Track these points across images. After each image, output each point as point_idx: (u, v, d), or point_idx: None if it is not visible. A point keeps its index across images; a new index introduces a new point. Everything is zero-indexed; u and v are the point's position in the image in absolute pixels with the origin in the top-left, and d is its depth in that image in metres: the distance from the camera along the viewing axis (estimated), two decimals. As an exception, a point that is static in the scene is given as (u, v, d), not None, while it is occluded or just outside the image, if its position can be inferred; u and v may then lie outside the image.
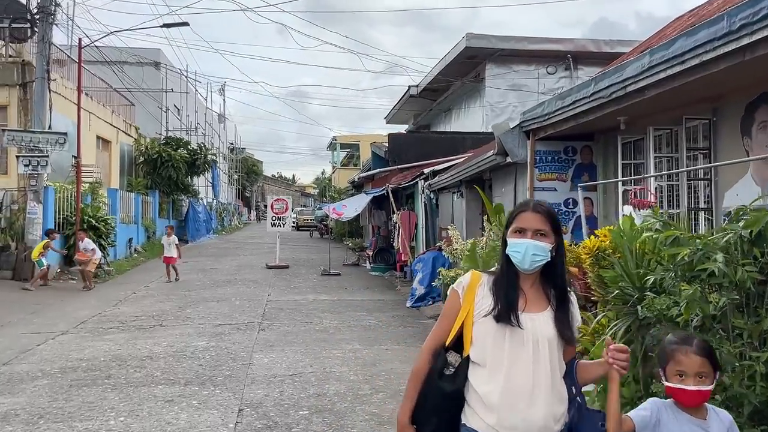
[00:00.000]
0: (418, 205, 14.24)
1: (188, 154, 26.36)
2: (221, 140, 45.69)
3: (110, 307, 11.28)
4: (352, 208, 17.10)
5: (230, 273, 16.54)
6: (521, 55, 21.69)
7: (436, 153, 17.57)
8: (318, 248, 26.09)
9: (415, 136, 18.97)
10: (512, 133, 8.37)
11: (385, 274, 16.23)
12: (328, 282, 14.93)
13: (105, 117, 21.45)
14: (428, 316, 10.25)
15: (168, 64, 30.76)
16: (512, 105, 22.31)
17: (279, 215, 17.88)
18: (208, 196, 38.66)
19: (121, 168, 23.44)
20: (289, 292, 13.18)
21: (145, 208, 23.59)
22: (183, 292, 13.04)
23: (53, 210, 15.04)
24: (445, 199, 12.56)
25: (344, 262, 19.02)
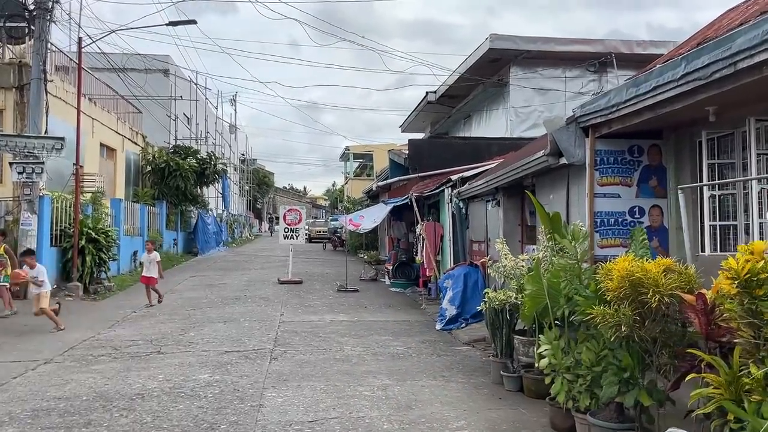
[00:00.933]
0: (444, 216, 13.01)
1: (197, 164, 25.33)
2: (232, 150, 44.77)
3: (105, 329, 10.12)
4: (370, 219, 15.90)
5: (239, 289, 15.37)
6: (547, 57, 20.51)
7: (460, 160, 16.39)
8: (332, 261, 24.89)
9: (436, 141, 17.80)
10: (568, 130, 7.15)
11: (407, 291, 14.98)
12: (345, 299, 13.71)
13: (110, 124, 20.45)
14: (463, 342, 8.99)
15: (177, 71, 29.86)
16: (537, 110, 21.14)
17: (292, 226, 16.72)
18: (219, 208, 37.64)
19: (126, 177, 22.42)
20: (303, 311, 11.97)
21: (151, 220, 22.53)
22: (187, 311, 11.86)
23: (50, 221, 13.95)
24: (477, 208, 11.32)
25: (361, 276, 17.79)
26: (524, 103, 20.88)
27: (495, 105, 22.33)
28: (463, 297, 10.32)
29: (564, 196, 7.88)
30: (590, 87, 21.12)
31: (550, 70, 20.92)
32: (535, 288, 5.35)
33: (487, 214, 10.71)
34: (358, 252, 28.01)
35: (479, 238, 11.16)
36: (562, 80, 21.03)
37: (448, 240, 12.57)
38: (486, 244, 10.77)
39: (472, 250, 11.57)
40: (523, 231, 9.86)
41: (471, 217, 11.65)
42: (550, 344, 5.10)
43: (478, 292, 10.47)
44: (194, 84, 30.10)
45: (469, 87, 23.19)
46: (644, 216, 7.11)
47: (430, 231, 12.97)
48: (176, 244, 25.39)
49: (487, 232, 10.75)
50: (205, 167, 25.47)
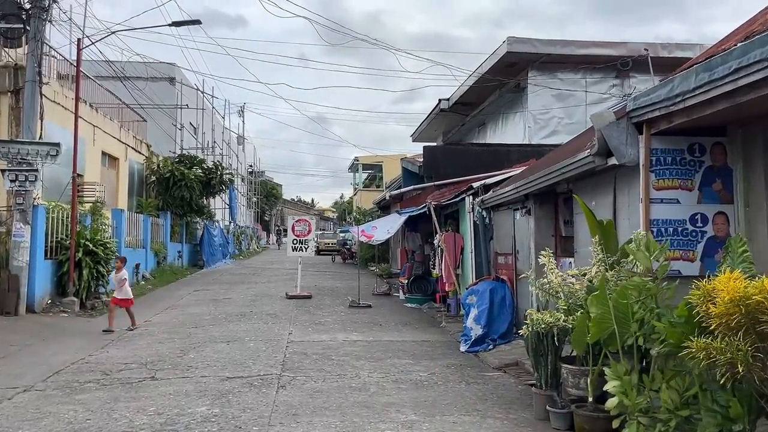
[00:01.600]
0: (464, 226, 12.09)
1: (203, 174, 24.55)
2: (239, 161, 44.08)
3: (97, 349, 9.24)
4: (383, 229, 15.00)
5: (245, 304, 14.47)
6: (567, 61, 19.63)
7: (478, 167, 15.50)
8: (342, 275, 23.97)
9: (453, 149, 16.94)
10: (618, 127, 6.23)
11: (423, 306, 14.03)
12: (358, 316, 12.78)
13: (112, 132, 19.72)
14: (494, 367, 8.04)
15: (183, 79, 29.21)
16: (557, 116, 20.24)
17: (301, 238, 15.83)
18: (225, 219, 36.88)
19: (129, 187, 21.66)
20: (313, 329, 11.05)
21: (155, 231, 21.73)
22: (188, 330, 10.97)
23: (44, 232, 13.13)
24: (503, 218, 10.40)
25: (374, 291, 16.85)
26: (543, 109, 19.98)
27: (512, 111, 21.45)
28: (490, 315, 9.39)
29: (610, 203, 6.95)
30: (612, 92, 20.23)
31: (570, 75, 20.03)
32: (601, 310, 4.41)
33: (515, 223, 9.78)
34: (369, 265, 27.08)
35: (505, 250, 10.23)
36: (582, 85, 20.13)
37: (470, 252, 11.64)
38: (513, 257, 9.84)
39: (497, 263, 10.63)
40: (557, 242, 8.92)
41: (496, 227, 10.72)
42: (620, 379, 4.17)
43: (505, 309, 9.56)
44: (201, 92, 29.41)
45: (484, 93, 22.34)
46: (707, 224, 6.18)
47: (450, 242, 12.05)
48: (181, 257, 24.58)
49: (514, 244, 9.81)
50: (211, 177, 24.69)
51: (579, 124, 20.18)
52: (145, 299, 15.83)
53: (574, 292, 5.56)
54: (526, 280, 8.99)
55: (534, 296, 8.81)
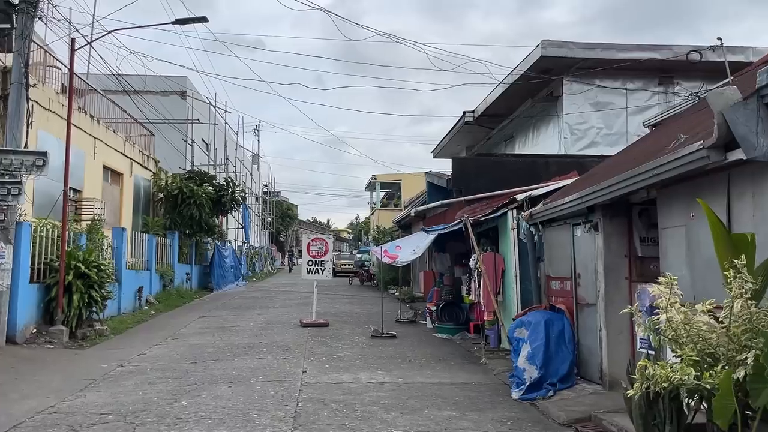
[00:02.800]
0: (506, 245, 10.45)
1: (213, 191, 23.17)
2: (253, 179, 42.86)
3: (75, 392, 7.69)
4: (408, 249, 13.39)
5: (254, 333, 12.89)
6: (605, 66, 18.07)
7: (513, 180, 13.92)
8: (360, 298, 22.33)
9: (485, 160, 15.39)
10: (746, 109, 4.61)
11: (455, 337, 12.35)
12: (382, 348, 11.13)
13: (115, 145, 18.43)
14: (562, 423, 6.34)
15: (195, 93, 28.07)
16: (595, 126, 18.61)
17: (317, 259, 14.26)
18: (239, 240, 35.52)
19: (135, 205, 20.32)
20: (331, 366, 9.41)
21: (161, 252, 20.31)
22: (185, 366, 9.39)
23: (29, 253, 11.70)
24: (557, 235, 8.75)
25: (397, 317, 15.19)
26: (580, 119, 18.39)
27: (545, 122, 19.87)
28: (546, 353, 7.72)
29: (723, 213, 5.30)
30: (655, 100, 18.60)
31: (609, 82, 18.46)
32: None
33: (575, 242, 8.13)
34: (389, 288, 25.40)
35: (561, 273, 8.57)
36: (622, 93, 18.54)
37: (514, 276, 9.99)
38: (573, 282, 8.17)
39: (550, 288, 8.96)
40: (631, 264, 7.27)
41: (547, 246, 9.07)
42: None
43: (564, 345, 7.88)
44: (212, 106, 28.20)
45: (513, 103, 20.84)
46: None
47: (490, 264, 10.40)
48: (189, 279, 23.11)
49: (574, 266, 8.15)
50: (222, 195, 23.30)
51: (619, 134, 18.57)
52: (145, 327, 14.32)
53: (707, 335, 3.90)
54: (595, 311, 7.34)
55: (603, 332, 7.16)
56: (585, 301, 7.86)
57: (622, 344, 7.14)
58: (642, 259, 7.23)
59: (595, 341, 7.48)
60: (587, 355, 7.81)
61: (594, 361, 7.56)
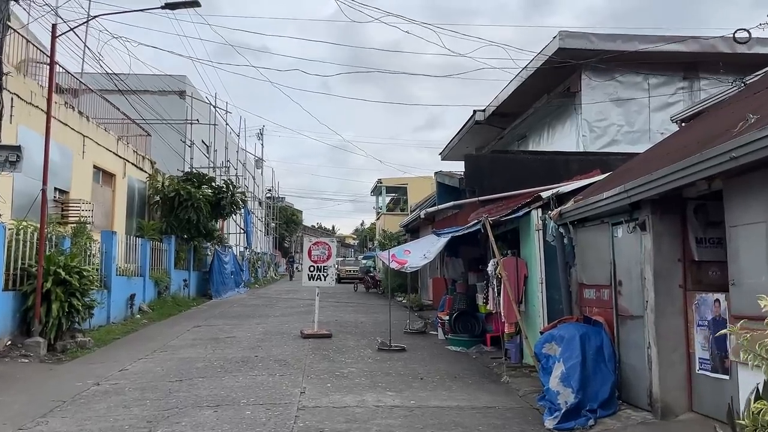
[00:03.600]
0: (529, 248, 9.35)
1: (212, 193, 22.15)
2: (256, 183, 41.86)
3: (35, 418, 6.63)
4: (418, 254, 12.30)
5: (251, 345, 11.82)
6: (627, 59, 16.99)
7: (531, 179, 12.88)
8: (366, 306, 21.22)
9: (501, 158, 14.29)
10: None
11: (471, 350, 11.23)
12: (390, 363, 10.02)
13: (107, 144, 17.44)
14: (612, 463, 5.22)
15: (194, 92, 27.10)
16: (616, 123, 17.50)
17: (319, 264, 13.17)
18: (240, 245, 34.49)
19: (129, 208, 19.31)
20: (334, 386, 8.32)
21: (156, 257, 19.29)
22: (169, 384, 8.32)
23: (3, 257, 10.67)
24: (592, 236, 7.65)
25: (406, 328, 14.08)
26: (599, 115, 17.29)
27: (561, 120, 18.77)
28: (583, 373, 6.61)
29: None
30: (679, 96, 17.49)
31: (631, 76, 17.37)
32: None
33: (614, 243, 7.03)
34: (396, 295, 24.27)
35: (598, 280, 7.46)
36: (644, 88, 17.43)
37: (539, 283, 8.88)
38: (613, 291, 7.07)
39: (584, 298, 7.85)
40: (685, 269, 6.17)
41: (580, 249, 7.96)
42: None
43: (604, 365, 6.78)
44: (212, 106, 27.21)
45: (526, 101, 19.76)
46: None
47: (511, 270, 9.29)
48: (187, 286, 22.07)
49: (614, 272, 7.05)
50: (222, 197, 22.25)
51: (641, 132, 17.47)
52: (134, 338, 13.27)
53: None
54: (642, 325, 6.24)
55: (653, 350, 6.05)
56: (628, 313, 6.75)
57: (676, 364, 6.03)
58: (699, 263, 6.13)
59: (642, 360, 6.37)
60: (631, 375, 6.69)
61: (641, 383, 6.44)
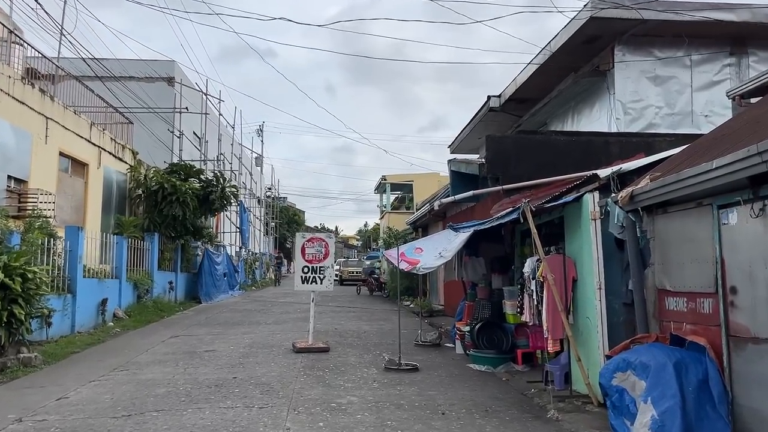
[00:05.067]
0: (581, 244, 7.28)
1: (200, 187, 20.14)
2: (254, 180, 39.84)
3: None
4: (432, 252, 10.25)
5: (231, 362, 9.79)
6: (667, 34, 14.94)
7: (564, 165, 10.90)
8: (370, 312, 19.17)
9: (530, 139, 12.23)
10: None
11: (498, 370, 9.17)
12: (401, 389, 7.98)
13: (78, 130, 15.46)
14: None
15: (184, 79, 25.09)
16: (654, 105, 15.40)
17: (314, 264, 11.12)
18: (236, 244, 32.49)
19: (105, 202, 17.32)
20: (328, 424, 6.27)
21: (136, 257, 17.29)
22: (111, 423, 6.29)
23: (-76, 255, 8.68)
24: (679, 226, 5.60)
25: (417, 339, 12.03)
26: (634, 96, 15.22)
27: (588, 103, 16.70)
28: (685, 420, 4.56)
29: None
30: (725, 74, 15.40)
31: (670, 51, 15.30)
32: None
33: (722, 234, 4.98)
34: (403, 298, 22.22)
35: (691, 285, 5.40)
36: (686, 65, 15.35)
37: (595, 288, 6.81)
38: (721, 300, 5.00)
39: (666, 309, 5.79)
40: None
41: (659, 243, 5.90)
42: None
43: (711, 407, 4.74)
44: (204, 94, 25.18)
45: (548, 83, 17.68)
46: None
47: (558, 271, 7.23)
48: (173, 289, 20.05)
49: (721, 274, 4.99)
50: (210, 191, 20.21)
51: (683, 114, 15.35)
52: (96, 352, 11.24)
53: None
54: None
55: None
56: (749, 333, 4.70)
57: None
58: None
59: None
60: (756, 425, 4.63)
61: (774, 438, 4.38)
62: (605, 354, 5.87)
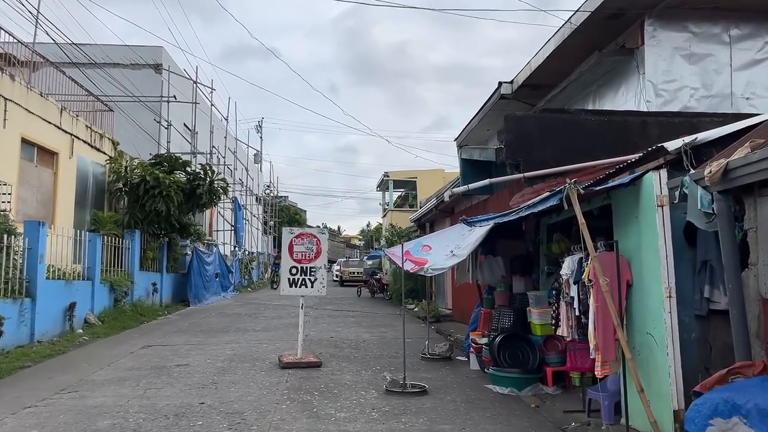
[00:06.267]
0: (639, 238, 5.64)
1: (186, 180, 18.56)
2: (250, 176, 38.26)
3: None
4: (443, 250, 8.63)
5: (202, 382, 8.19)
6: (703, 6, 13.31)
7: (595, 149, 9.39)
8: (371, 317, 17.55)
9: (554, 119, 10.58)
10: None
11: (525, 393, 7.54)
12: (407, 420, 6.36)
13: (44, 114, 13.89)
14: None
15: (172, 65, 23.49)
16: (689, 86, 13.75)
17: (303, 264, 9.49)
18: (231, 243, 30.91)
19: (80, 196, 15.75)
20: (308, 482, 4.66)
21: (113, 256, 15.72)
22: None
23: None
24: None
25: (424, 351, 10.39)
26: (667, 76, 13.55)
27: (613, 86, 15.04)
28: None
29: None
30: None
31: (707, 26, 13.64)
32: None
33: None
34: (407, 301, 20.61)
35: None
36: (724, 41, 13.69)
37: (665, 295, 5.18)
38: None
39: None
40: None
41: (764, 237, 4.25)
42: None
43: None
44: (194, 82, 23.56)
45: (567, 66, 15.95)
46: None
47: (610, 272, 5.59)
48: (157, 291, 18.46)
49: None
50: (197, 184, 18.59)
51: (721, 97, 13.63)
52: (50, 366, 9.63)
53: None
54: None
55: None
56: None
57: None
58: None
59: None
60: None
61: None
62: (693, 390, 4.25)
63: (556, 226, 8.84)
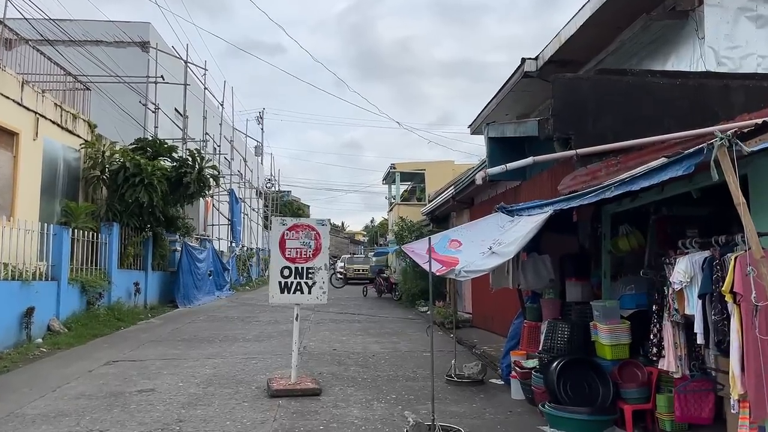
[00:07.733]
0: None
1: (171, 167, 16.57)
2: (249, 168, 36.27)
3: None
4: (477, 246, 6.65)
5: (165, 419, 6.22)
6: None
7: (666, 119, 7.51)
8: (380, 322, 15.56)
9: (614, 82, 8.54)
10: None
11: (597, 442, 5.51)
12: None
13: (2, 88, 11.90)
14: None
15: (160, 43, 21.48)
16: (757, 54, 11.67)
17: (297, 264, 7.50)
18: (227, 239, 28.97)
19: (48, 184, 13.78)
20: None
21: (87, 253, 13.78)
22: None
23: None
24: None
25: (449, 373, 8.36)
26: (730, 42, 11.45)
27: (661, 56, 12.92)
28: None
29: None
30: None
31: (778, -18, 11.54)
32: None
33: None
34: (417, 303, 18.63)
35: None
36: (797, 1, 11.60)
37: None
38: None
39: None
40: None
41: None
42: None
43: None
44: (185, 62, 21.52)
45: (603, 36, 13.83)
46: None
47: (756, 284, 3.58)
48: (139, 291, 16.51)
49: None
50: (184, 172, 16.57)
51: (793, 66, 11.69)
52: None
53: None
54: None
55: None
56: None
57: None
58: None
59: None
60: None
61: None
62: None
63: (622, 215, 6.83)
